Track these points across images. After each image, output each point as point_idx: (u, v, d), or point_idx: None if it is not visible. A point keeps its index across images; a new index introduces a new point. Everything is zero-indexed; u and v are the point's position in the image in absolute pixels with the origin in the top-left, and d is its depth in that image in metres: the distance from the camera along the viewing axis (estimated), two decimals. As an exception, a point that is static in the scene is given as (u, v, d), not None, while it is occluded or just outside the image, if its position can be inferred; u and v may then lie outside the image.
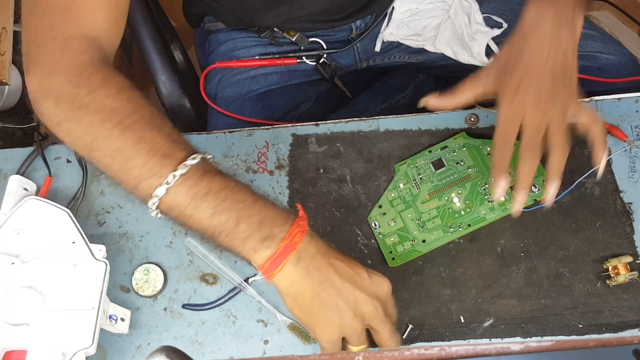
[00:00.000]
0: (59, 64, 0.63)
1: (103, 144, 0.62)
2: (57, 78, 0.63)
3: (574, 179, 0.78)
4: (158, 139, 0.61)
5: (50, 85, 0.63)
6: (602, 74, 0.91)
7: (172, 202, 0.61)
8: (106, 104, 0.61)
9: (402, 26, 0.98)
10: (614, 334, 0.72)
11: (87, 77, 0.63)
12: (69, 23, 0.64)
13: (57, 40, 0.64)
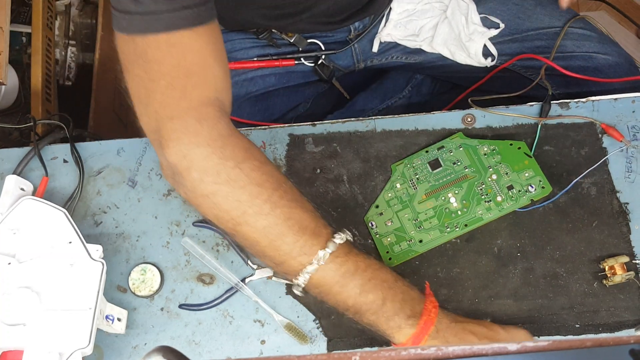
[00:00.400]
0: (200, 135, 0.61)
1: (252, 220, 0.61)
2: (201, 150, 0.61)
3: (571, 179, 0.78)
4: (305, 216, 0.62)
5: (195, 158, 0.61)
6: (598, 74, 0.91)
7: (322, 280, 0.62)
8: (253, 178, 0.61)
9: (400, 27, 0.98)
10: (611, 333, 0.72)
11: (231, 148, 0.61)
12: (198, 89, 0.62)
13: (191, 109, 0.61)
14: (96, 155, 0.85)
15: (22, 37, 1.22)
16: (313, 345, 0.74)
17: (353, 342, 0.74)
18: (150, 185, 0.83)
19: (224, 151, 0.61)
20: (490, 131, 0.82)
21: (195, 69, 0.61)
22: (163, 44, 0.59)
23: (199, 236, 0.80)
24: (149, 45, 0.59)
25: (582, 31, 0.96)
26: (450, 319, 0.66)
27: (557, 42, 0.93)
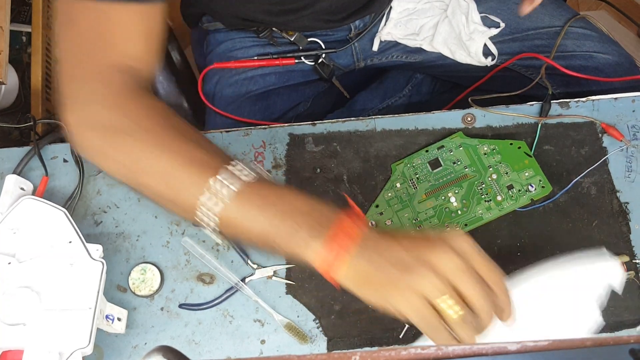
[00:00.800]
0: (95, 93, 0.63)
1: (141, 170, 0.61)
2: (93, 107, 0.62)
3: (571, 179, 0.78)
4: (197, 153, 0.60)
5: (88, 116, 0.62)
6: (599, 73, 0.91)
7: (229, 218, 0.59)
8: (143, 126, 0.61)
9: (400, 26, 0.98)
10: (611, 333, 0.72)
11: (122, 102, 0.62)
12: (104, 53, 0.63)
13: (98, 73, 0.63)
14: (96, 154, 0.85)
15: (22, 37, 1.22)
16: (313, 345, 0.74)
17: (353, 342, 0.74)
18: (150, 185, 0.83)
19: (115, 106, 0.62)
20: (490, 131, 0.82)
21: (113, 39, 0.63)
22: (91, 10, 0.62)
23: (199, 236, 0.80)
24: (78, 9, 0.62)
25: (582, 30, 0.96)
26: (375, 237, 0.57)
27: (558, 42, 0.93)
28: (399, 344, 0.74)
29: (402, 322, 0.74)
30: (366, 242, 0.56)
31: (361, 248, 0.55)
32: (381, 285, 0.56)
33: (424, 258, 0.54)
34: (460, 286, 0.54)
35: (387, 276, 0.55)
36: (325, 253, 0.55)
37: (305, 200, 0.59)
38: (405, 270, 0.54)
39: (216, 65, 1.00)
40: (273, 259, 0.78)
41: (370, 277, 0.56)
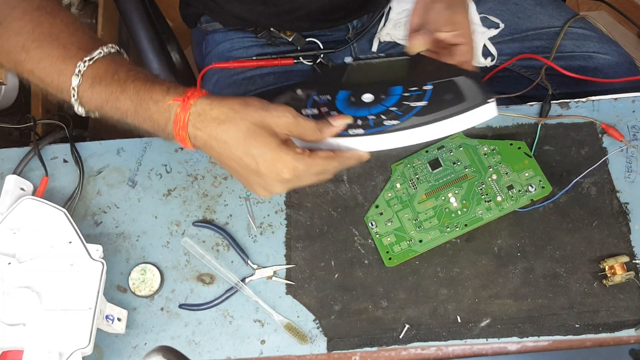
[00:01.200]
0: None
1: (20, 68, 0.68)
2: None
3: (571, 179, 0.78)
4: (54, 53, 0.66)
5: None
6: (598, 74, 0.91)
7: (91, 111, 0.67)
8: (13, 29, 0.67)
9: (399, 26, 0.98)
10: (611, 333, 0.72)
11: (1, 7, 0.68)
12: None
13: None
14: (96, 155, 0.85)
15: (22, 37, 1.22)
16: (313, 345, 0.74)
17: (353, 342, 0.74)
18: (150, 185, 0.83)
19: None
20: (491, 131, 0.82)
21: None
22: None
23: (199, 236, 0.80)
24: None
25: (582, 31, 0.96)
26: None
27: (557, 42, 0.93)
28: (399, 344, 0.74)
29: (402, 322, 0.74)
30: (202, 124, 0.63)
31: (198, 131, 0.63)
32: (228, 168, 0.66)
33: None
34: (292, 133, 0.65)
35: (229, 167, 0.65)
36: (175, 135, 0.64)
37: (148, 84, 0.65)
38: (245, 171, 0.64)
39: (215, 65, 1.00)
40: (273, 260, 0.78)
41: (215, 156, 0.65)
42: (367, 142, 0.67)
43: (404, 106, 0.68)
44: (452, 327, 0.74)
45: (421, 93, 0.68)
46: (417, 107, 0.67)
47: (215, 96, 0.64)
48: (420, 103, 0.67)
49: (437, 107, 0.67)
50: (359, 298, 0.76)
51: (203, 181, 0.83)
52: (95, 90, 0.65)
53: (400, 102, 0.68)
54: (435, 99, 0.67)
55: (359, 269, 0.77)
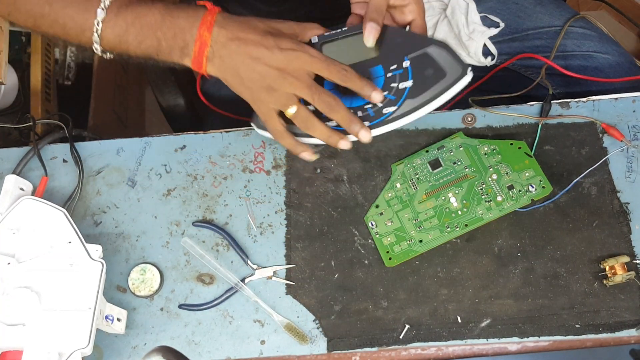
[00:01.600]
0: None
1: (42, 22, 0.71)
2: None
3: (571, 179, 0.78)
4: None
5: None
6: (599, 73, 0.91)
7: (109, 46, 0.70)
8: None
9: (399, 26, 0.98)
10: (611, 334, 0.72)
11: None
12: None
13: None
14: (96, 155, 0.85)
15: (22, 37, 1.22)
16: (313, 346, 0.74)
17: (353, 342, 0.74)
18: (149, 185, 0.83)
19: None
20: (491, 131, 0.82)
21: None
22: None
23: (199, 236, 0.80)
24: None
25: (582, 30, 0.96)
26: (227, 35, 0.68)
27: (558, 42, 0.93)
28: (399, 344, 0.74)
29: (402, 322, 0.74)
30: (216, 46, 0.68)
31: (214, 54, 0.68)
32: (245, 93, 0.70)
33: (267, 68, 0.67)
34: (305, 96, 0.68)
35: (246, 88, 0.69)
36: (195, 65, 0.69)
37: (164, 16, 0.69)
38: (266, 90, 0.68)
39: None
40: (273, 260, 0.78)
41: (234, 85, 0.70)
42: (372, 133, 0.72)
43: (393, 89, 0.72)
44: (452, 327, 0.74)
45: (402, 71, 0.72)
46: (407, 88, 0.71)
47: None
48: (407, 83, 0.71)
49: (424, 86, 0.71)
50: (359, 298, 0.75)
51: (203, 181, 0.83)
52: (120, 16, 0.68)
53: (387, 84, 0.72)
54: (418, 77, 0.72)
55: (359, 269, 0.77)
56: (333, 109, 0.68)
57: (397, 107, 0.71)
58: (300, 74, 0.68)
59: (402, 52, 0.73)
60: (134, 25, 0.69)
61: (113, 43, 0.70)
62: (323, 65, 0.68)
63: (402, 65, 0.72)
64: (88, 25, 0.69)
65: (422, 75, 0.71)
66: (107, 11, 0.68)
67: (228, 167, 0.83)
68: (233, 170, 0.83)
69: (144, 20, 0.68)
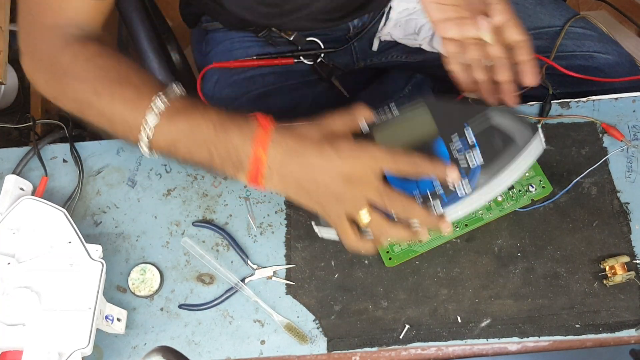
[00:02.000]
0: (42, 49, 0.73)
1: (89, 112, 0.70)
2: (41, 62, 0.73)
3: (571, 179, 0.78)
4: (128, 92, 0.68)
5: (38, 69, 0.74)
6: (599, 73, 0.91)
7: (158, 148, 0.68)
8: (79, 77, 0.70)
9: (399, 26, 0.98)
10: (611, 334, 0.72)
11: (61, 56, 0.71)
12: (48, 17, 0.73)
13: (39, 30, 0.73)
14: (96, 154, 0.85)
15: (22, 37, 1.22)
16: (313, 346, 0.74)
17: (353, 342, 0.74)
18: (149, 185, 0.83)
19: (56, 60, 0.71)
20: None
21: (61, 6, 0.73)
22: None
23: (199, 236, 0.80)
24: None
25: (582, 30, 0.96)
26: (284, 151, 0.65)
27: (558, 42, 0.93)
28: (399, 344, 0.74)
29: (402, 322, 0.74)
30: (273, 163, 0.65)
31: (272, 170, 0.65)
32: (309, 203, 0.68)
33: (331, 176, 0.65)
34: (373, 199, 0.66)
35: (311, 199, 0.67)
36: (249, 182, 0.66)
37: (218, 132, 0.66)
38: (324, 195, 0.66)
39: (215, 65, 1.00)
40: (273, 260, 0.78)
41: (297, 197, 0.67)
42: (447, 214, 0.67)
43: (463, 167, 0.67)
44: (452, 327, 0.74)
45: (468, 146, 0.68)
46: (475, 161, 0.67)
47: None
48: (477, 157, 0.67)
49: (493, 156, 0.67)
50: (359, 298, 0.75)
51: (203, 181, 0.83)
52: (173, 123, 0.66)
53: (453, 158, 0.68)
54: (485, 147, 0.67)
55: (359, 269, 0.77)
56: (407, 209, 0.65)
57: (471, 187, 0.66)
58: (366, 178, 0.65)
59: (460, 124, 0.69)
60: (186, 135, 0.66)
61: (163, 147, 0.68)
62: (389, 162, 0.65)
63: (464, 136, 0.68)
64: (137, 125, 0.67)
65: (488, 145, 0.67)
66: (159, 115, 0.66)
67: (228, 167, 0.83)
68: (233, 170, 0.83)
69: (197, 132, 0.66)
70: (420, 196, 0.67)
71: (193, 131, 0.66)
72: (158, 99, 0.66)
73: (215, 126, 0.66)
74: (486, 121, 0.68)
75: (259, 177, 0.65)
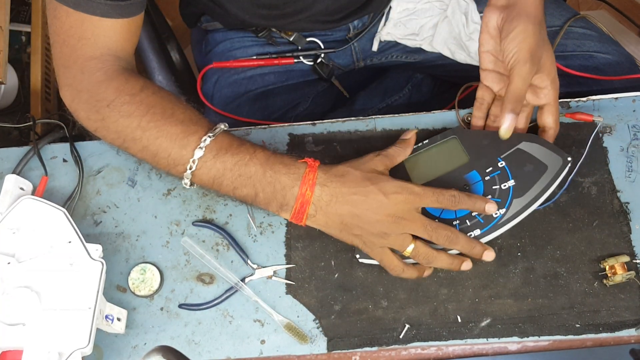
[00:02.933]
0: (82, 82, 0.74)
1: (132, 145, 0.72)
2: (82, 95, 0.75)
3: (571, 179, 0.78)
4: (173, 131, 0.70)
5: (79, 101, 0.75)
6: (599, 73, 0.91)
7: (201, 181, 0.71)
8: (123, 112, 0.72)
9: (400, 26, 0.98)
10: (611, 333, 0.72)
11: (104, 91, 0.73)
12: (84, 49, 0.74)
13: (77, 63, 0.75)
14: (96, 154, 0.85)
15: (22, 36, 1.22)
16: (313, 345, 0.74)
17: (353, 342, 0.74)
18: (149, 185, 0.83)
19: (98, 94, 0.73)
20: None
21: (87, 34, 0.74)
22: (74, 15, 0.73)
23: (199, 236, 0.80)
24: (63, 10, 0.73)
25: (582, 30, 0.96)
26: (330, 194, 0.68)
27: (556, 41, 0.93)
28: (399, 344, 0.74)
29: (402, 322, 0.74)
30: (319, 203, 0.69)
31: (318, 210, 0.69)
32: (352, 240, 0.71)
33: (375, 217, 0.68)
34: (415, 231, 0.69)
35: (354, 238, 0.71)
36: (294, 220, 0.70)
37: (265, 171, 0.69)
38: (367, 235, 0.69)
39: (215, 64, 1.00)
40: (273, 259, 0.78)
41: (340, 236, 0.71)
42: (483, 239, 0.72)
43: (496, 191, 0.72)
44: (452, 327, 0.74)
45: (500, 172, 0.72)
46: (510, 188, 0.71)
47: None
48: (509, 183, 0.72)
49: (527, 183, 0.71)
50: (359, 298, 0.75)
51: (203, 181, 0.83)
52: (219, 159, 0.69)
53: (487, 187, 0.72)
54: (518, 175, 0.72)
55: (359, 268, 0.77)
56: (452, 241, 0.69)
57: (506, 210, 0.71)
58: (411, 215, 0.68)
59: (494, 153, 0.73)
60: (232, 171, 0.69)
61: (205, 181, 0.71)
62: (432, 200, 0.68)
63: (497, 166, 0.72)
64: (182, 161, 0.70)
65: (522, 172, 0.71)
66: (205, 150, 0.69)
67: (228, 166, 0.83)
68: (233, 170, 0.83)
69: (244, 169, 0.69)
70: (458, 222, 0.72)
71: (240, 168, 0.69)
72: (206, 137, 0.69)
73: (263, 165, 0.69)
74: (519, 151, 0.72)
75: (303, 216, 0.69)
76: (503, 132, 0.71)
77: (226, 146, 0.70)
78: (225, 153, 0.69)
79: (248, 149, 0.70)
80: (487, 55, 0.76)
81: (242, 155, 0.69)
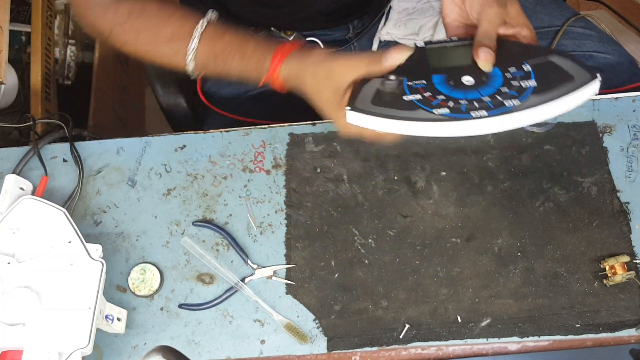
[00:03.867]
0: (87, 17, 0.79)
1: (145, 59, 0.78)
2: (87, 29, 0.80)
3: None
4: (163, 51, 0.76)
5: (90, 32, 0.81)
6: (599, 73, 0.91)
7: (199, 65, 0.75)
8: (120, 41, 0.77)
9: (399, 25, 0.98)
10: (611, 333, 0.72)
11: (100, 24, 0.78)
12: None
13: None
14: (96, 154, 0.85)
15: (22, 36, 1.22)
16: (313, 345, 0.74)
17: (353, 341, 0.74)
18: (149, 185, 0.83)
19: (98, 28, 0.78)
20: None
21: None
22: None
23: (199, 236, 0.80)
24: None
25: (582, 30, 0.96)
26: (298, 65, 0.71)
27: (556, 41, 0.93)
28: (399, 344, 0.74)
29: (402, 322, 0.74)
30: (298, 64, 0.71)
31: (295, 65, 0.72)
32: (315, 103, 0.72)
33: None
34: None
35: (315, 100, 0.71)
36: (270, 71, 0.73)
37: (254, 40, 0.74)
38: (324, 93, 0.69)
39: (215, 64, 1.00)
40: (273, 259, 0.78)
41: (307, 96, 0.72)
42: (490, 125, 0.65)
43: (515, 87, 0.66)
44: (452, 327, 0.74)
45: (524, 74, 0.67)
46: (530, 86, 0.65)
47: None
48: (531, 82, 0.66)
49: (550, 86, 0.65)
50: (359, 298, 0.75)
51: (203, 181, 0.83)
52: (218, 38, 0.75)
53: (506, 83, 0.67)
54: (543, 79, 0.66)
55: (359, 269, 0.77)
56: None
57: (520, 102, 0.65)
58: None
59: (521, 58, 0.68)
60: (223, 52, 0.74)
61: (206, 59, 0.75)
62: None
63: (521, 67, 0.68)
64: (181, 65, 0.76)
65: (547, 78, 0.66)
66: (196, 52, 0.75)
67: (228, 166, 0.83)
68: (233, 170, 0.83)
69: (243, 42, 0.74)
70: (466, 102, 0.66)
71: (239, 42, 0.74)
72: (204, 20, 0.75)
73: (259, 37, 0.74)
74: (547, 60, 0.67)
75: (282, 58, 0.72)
76: (483, 66, 0.68)
77: (216, 34, 0.75)
78: (216, 41, 0.75)
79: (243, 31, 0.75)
80: (452, 24, 0.75)
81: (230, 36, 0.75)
